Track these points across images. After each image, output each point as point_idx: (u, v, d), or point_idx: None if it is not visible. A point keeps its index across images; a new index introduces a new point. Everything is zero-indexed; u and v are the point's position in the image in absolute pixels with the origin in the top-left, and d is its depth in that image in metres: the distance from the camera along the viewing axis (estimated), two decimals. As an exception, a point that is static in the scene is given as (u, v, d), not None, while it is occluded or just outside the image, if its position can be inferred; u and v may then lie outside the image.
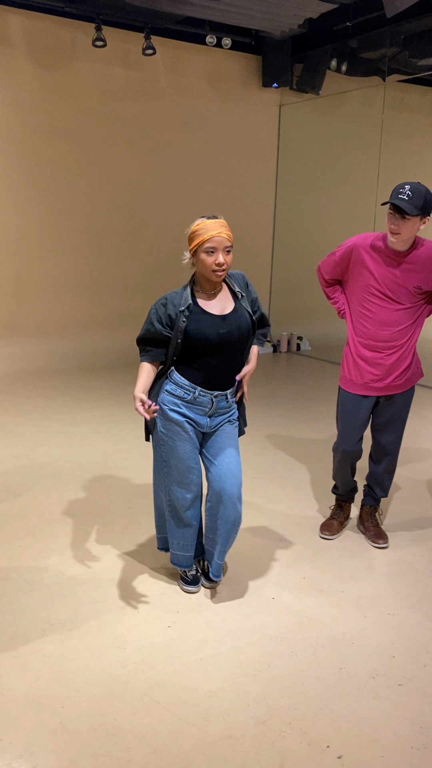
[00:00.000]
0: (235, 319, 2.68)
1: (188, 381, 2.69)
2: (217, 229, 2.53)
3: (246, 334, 2.73)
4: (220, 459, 2.76)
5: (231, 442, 2.80)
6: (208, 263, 2.56)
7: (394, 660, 2.54)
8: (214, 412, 2.74)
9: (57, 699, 2.28)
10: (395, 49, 7.35)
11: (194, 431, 2.75)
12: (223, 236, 2.53)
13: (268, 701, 2.30)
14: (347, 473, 3.46)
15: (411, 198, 2.88)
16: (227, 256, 2.56)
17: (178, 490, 2.81)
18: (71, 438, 4.95)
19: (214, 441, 2.79)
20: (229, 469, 2.75)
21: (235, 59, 7.72)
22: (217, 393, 2.71)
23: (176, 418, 2.71)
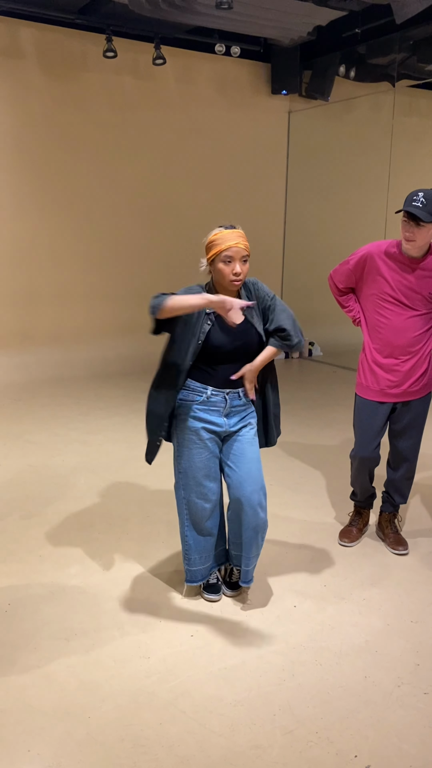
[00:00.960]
0: (246, 329, 2.69)
1: (198, 383, 2.71)
2: (235, 239, 2.56)
3: (254, 347, 2.72)
4: (240, 464, 2.76)
5: (250, 447, 2.79)
6: (225, 273, 2.58)
7: (419, 668, 2.53)
8: (229, 411, 2.74)
9: (83, 709, 2.29)
10: (404, 55, 7.37)
11: (212, 439, 2.75)
12: (240, 246, 2.56)
13: (294, 710, 2.30)
14: (365, 480, 3.46)
15: (425, 205, 2.88)
16: (244, 265, 2.59)
17: (197, 501, 2.81)
18: (87, 446, 4.96)
19: (233, 447, 2.78)
20: (249, 475, 2.75)
21: (244, 67, 7.76)
22: (229, 390, 2.72)
23: (193, 426, 2.71)
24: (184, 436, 2.75)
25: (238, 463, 2.76)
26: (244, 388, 2.75)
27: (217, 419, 2.73)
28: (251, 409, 2.82)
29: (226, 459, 2.81)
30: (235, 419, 2.77)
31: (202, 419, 2.72)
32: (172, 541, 3.48)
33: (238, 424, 2.78)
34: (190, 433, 2.73)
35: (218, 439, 2.78)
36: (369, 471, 3.45)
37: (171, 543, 3.47)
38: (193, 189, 7.71)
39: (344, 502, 3.99)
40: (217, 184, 7.86)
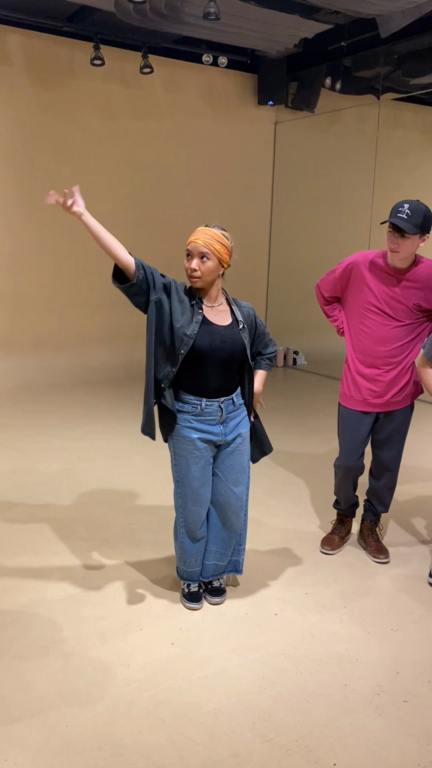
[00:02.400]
0: (231, 333, 2.68)
1: (192, 395, 2.70)
2: (196, 234, 2.56)
3: (239, 352, 2.71)
4: (228, 475, 2.83)
5: (240, 461, 2.84)
6: (185, 267, 2.60)
7: (399, 676, 2.54)
8: (225, 419, 2.74)
9: (62, 717, 2.27)
10: (389, 68, 7.46)
11: (207, 448, 2.76)
12: (198, 242, 2.54)
13: (273, 718, 2.30)
14: (349, 489, 3.47)
15: (410, 216, 2.91)
16: (202, 263, 2.55)
17: (192, 509, 2.82)
18: (70, 453, 4.94)
19: (226, 458, 2.81)
20: (236, 485, 2.85)
21: (231, 77, 7.81)
22: (223, 399, 2.73)
23: (189, 435, 2.71)
24: (180, 445, 2.75)
25: (226, 473, 2.82)
26: (237, 394, 2.79)
27: (213, 428, 2.73)
28: (243, 414, 2.83)
29: (215, 467, 2.84)
30: (231, 425, 2.77)
31: (198, 429, 2.72)
32: (155, 549, 3.47)
33: (233, 432, 2.78)
34: (186, 443, 2.73)
35: (213, 447, 2.79)
36: (353, 480, 3.46)
37: (154, 550, 3.46)
38: (178, 197, 7.74)
39: (327, 510, 4.01)
40: (203, 192, 7.89)
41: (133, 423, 5.73)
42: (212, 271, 2.58)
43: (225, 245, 2.59)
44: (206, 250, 2.54)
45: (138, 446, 5.13)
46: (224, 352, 2.66)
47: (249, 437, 2.88)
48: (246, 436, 2.84)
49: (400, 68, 7.41)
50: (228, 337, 2.67)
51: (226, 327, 2.68)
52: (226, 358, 2.68)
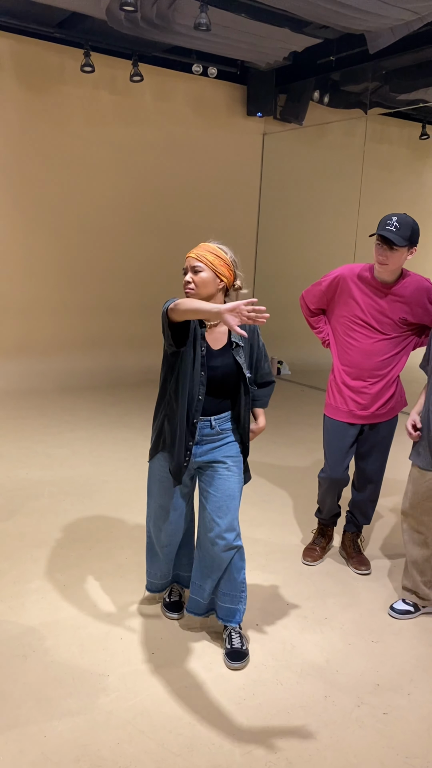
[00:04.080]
0: (222, 359, 2.55)
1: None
2: (193, 250, 2.51)
3: (231, 378, 2.58)
4: (213, 500, 2.60)
5: (228, 485, 2.60)
6: (184, 282, 2.52)
7: (379, 688, 2.54)
8: (199, 440, 2.59)
9: (39, 728, 2.24)
10: (377, 84, 7.55)
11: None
12: (191, 256, 2.49)
13: (253, 730, 2.28)
14: (333, 500, 3.48)
15: (399, 229, 2.94)
16: (195, 275, 2.47)
17: (154, 528, 2.79)
18: (52, 460, 4.90)
19: (211, 483, 2.62)
20: (221, 510, 2.58)
21: (220, 88, 7.85)
22: (206, 417, 2.59)
23: (160, 457, 2.64)
24: (153, 461, 2.69)
25: (210, 498, 2.61)
26: (220, 418, 2.61)
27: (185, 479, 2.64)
28: (227, 440, 2.64)
29: (201, 492, 2.68)
30: (206, 448, 2.60)
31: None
32: (136, 557, 3.45)
33: (208, 455, 2.61)
34: (157, 460, 2.67)
35: (189, 469, 2.64)
36: (338, 491, 3.47)
37: (134, 559, 3.44)
38: (166, 205, 7.75)
39: (309, 521, 4.01)
40: (191, 201, 7.91)
41: (116, 429, 5.70)
42: (207, 283, 2.46)
43: (220, 257, 2.49)
44: (198, 262, 2.46)
45: (121, 453, 5.10)
46: (215, 380, 2.55)
47: (239, 463, 2.67)
48: (233, 461, 2.63)
49: (388, 84, 7.50)
50: (220, 363, 2.54)
51: (219, 351, 2.56)
52: (217, 384, 2.56)
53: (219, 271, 2.49)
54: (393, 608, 3.07)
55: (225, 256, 2.52)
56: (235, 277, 2.56)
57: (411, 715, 2.41)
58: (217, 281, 2.49)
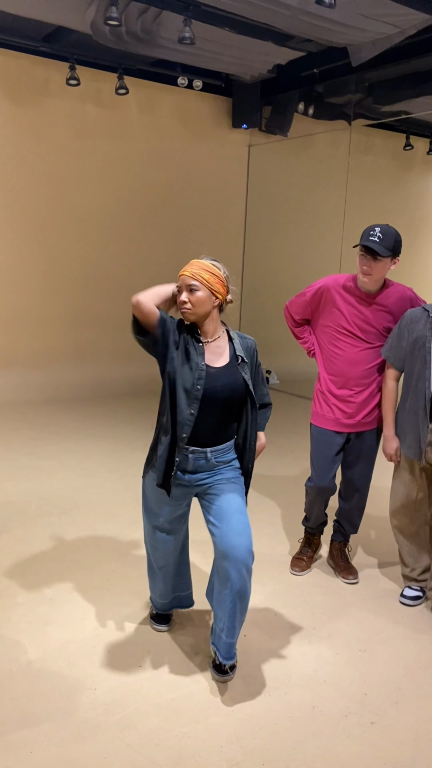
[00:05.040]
0: (227, 375, 2.46)
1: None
2: (185, 268, 2.46)
3: (238, 395, 2.48)
4: (225, 520, 2.44)
5: (232, 503, 2.47)
6: (177, 302, 2.47)
7: (367, 697, 2.55)
8: (194, 470, 2.49)
9: (25, 744, 2.23)
10: (360, 96, 7.64)
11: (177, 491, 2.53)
12: (185, 274, 2.43)
13: (241, 742, 2.28)
14: (321, 509, 3.49)
15: (382, 239, 2.97)
16: (191, 294, 2.42)
17: (150, 546, 2.75)
18: (39, 472, 4.89)
19: (213, 503, 2.50)
20: (235, 529, 2.41)
21: (205, 100, 7.91)
22: (194, 449, 2.46)
23: (149, 472, 2.57)
24: (147, 477, 2.60)
25: (222, 519, 2.45)
26: (217, 450, 2.50)
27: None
28: (223, 471, 2.53)
29: (208, 516, 2.53)
30: (199, 476, 2.51)
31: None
32: (123, 570, 3.44)
33: (203, 482, 2.52)
34: (148, 478, 2.59)
35: (187, 491, 2.56)
36: (325, 500, 3.48)
37: (122, 571, 3.43)
38: (152, 217, 7.77)
39: (297, 530, 4.01)
40: (177, 213, 7.95)
41: (103, 441, 5.69)
42: (204, 302, 2.41)
43: (215, 275, 2.44)
44: (194, 281, 2.41)
45: (108, 465, 5.09)
46: (218, 400, 2.44)
47: (241, 478, 2.57)
48: (231, 479, 2.53)
49: (371, 96, 7.59)
50: (224, 381, 2.45)
51: (222, 369, 2.47)
52: (221, 404, 2.46)
53: (215, 289, 2.44)
54: (404, 595, 3.25)
55: (219, 272, 2.48)
56: (228, 292, 2.52)
57: (398, 724, 2.41)
58: (213, 299, 2.45)
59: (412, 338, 2.96)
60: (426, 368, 2.90)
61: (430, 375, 2.89)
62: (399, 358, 3.04)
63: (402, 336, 3.01)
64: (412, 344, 2.97)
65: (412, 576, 3.27)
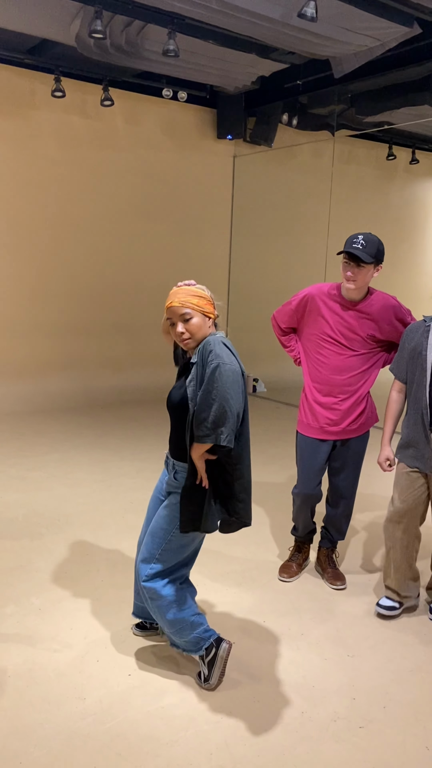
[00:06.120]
0: (179, 386, 2.50)
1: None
2: (171, 298, 2.42)
3: (177, 407, 2.47)
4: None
5: (159, 521, 2.56)
6: (174, 335, 2.46)
7: (355, 702, 2.56)
8: (170, 479, 2.56)
9: (14, 755, 2.22)
10: (343, 107, 7.73)
11: (162, 481, 2.69)
12: (175, 305, 2.40)
13: (230, 749, 2.29)
14: (307, 516, 3.52)
15: (365, 247, 3.02)
16: (187, 324, 2.40)
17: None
18: (26, 483, 4.87)
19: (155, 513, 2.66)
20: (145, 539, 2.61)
21: (190, 111, 7.97)
22: (173, 462, 2.54)
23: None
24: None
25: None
26: (179, 464, 2.51)
27: (166, 476, 2.64)
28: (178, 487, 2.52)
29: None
30: (170, 487, 2.57)
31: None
32: (112, 579, 3.44)
33: (170, 493, 2.58)
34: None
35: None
36: (311, 507, 3.51)
37: (110, 580, 3.43)
38: (138, 228, 7.81)
39: (285, 537, 4.03)
40: (163, 223, 7.99)
41: (91, 451, 5.69)
42: (200, 327, 2.41)
43: (202, 296, 2.45)
44: (186, 309, 2.39)
45: (96, 475, 5.09)
46: (170, 408, 2.52)
47: (176, 504, 2.49)
48: (170, 499, 2.55)
49: (354, 107, 7.69)
50: (177, 391, 2.50)
51: (183, 380, 2.51)
52: (175, 415, 2.50)
53: (206, 311, 2.44)
54: (379, 605, 3.20)
55: (205, 293, 2.48)
56: (215, 307, 2.54)
57: (387, 727, 2.43)
58: (207, 321, 2.45)
59: (411, 347, 3.01)
60: (423, 376, 2.94)
61: (427, 383, 2.92)
62: (401, 369, 3.08)
63: (403, 346, 3.06)
64: (410, 353, 3.01)
65: (393, 588, 3.20)
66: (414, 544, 3.16)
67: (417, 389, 2.97)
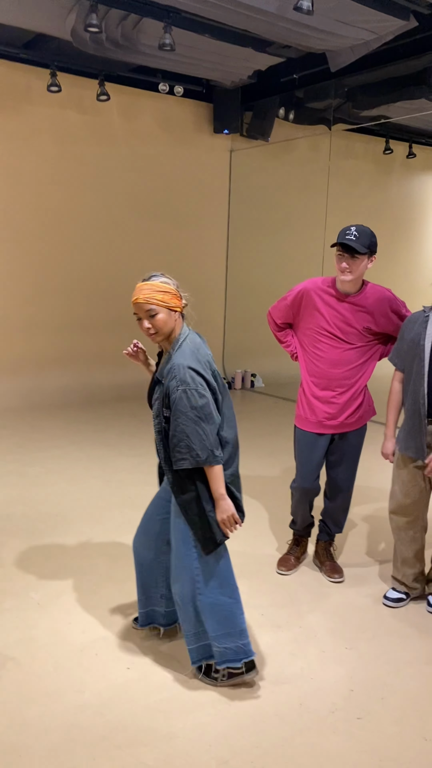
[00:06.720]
0: (156, 390, 2.52)
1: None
2: (136, 293, 2.43)
3: (156, 414, 2.49)
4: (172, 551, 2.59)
5: (176, 535, 2.56)
6: (141, 330, 2.48)
7: (353, 693, 2.57)
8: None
9: (13, 748, 2.23)
10: (339, 101, 7.72)
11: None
12: (140, 301, 2.41)
13: (229, 740, 2.30)
14: (306, 510, 3.52)
15: (358, 238, 3.03)
16: (153, 319, 2.41)
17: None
18: (24, 479, 4.88)
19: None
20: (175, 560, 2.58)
21: (187, 106, 7.95)
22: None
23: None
24: None
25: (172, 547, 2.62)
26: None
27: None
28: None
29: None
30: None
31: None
32: (111, 574, 3.45)
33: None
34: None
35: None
36: (309, 501, 3.51)
37: (109, 576, 3.43)
38: (135, 223, 7.80)
39: (283, 531, 4.04)
40: (160, 218, 7.98)
41: (89, 447, 5.69)
42: (166, 322, 2.42)
43: (167, 291, 2.43)
44: (150, 305, 2.40)
45: (94, 471, 5.10)
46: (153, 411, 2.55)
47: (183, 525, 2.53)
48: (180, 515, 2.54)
49: (350, 101, 7.68)
50: (156, 394, 2.51)
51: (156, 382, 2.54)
52: (157, 422, 2.50)
53: (171, 306, 2.44)
54: (386, 597, 3.25)
55: (170, 288, 2.46)
56: (181, 299, 2.52)
57: (385, 719, 2.44)
58: (173, 315, 2.45)
59: (410, 338, 3.01)
60: (422, 366, 2.94)
61: (425, 372, 2.93)
62: (401, 359, 3.09)
63: (402, 337, 3.07)
64: (409, 344, 3.02)
65: (400, 579, 3.25)
66: (420, 536, 3.19)
67: (415, 379, 2.98)
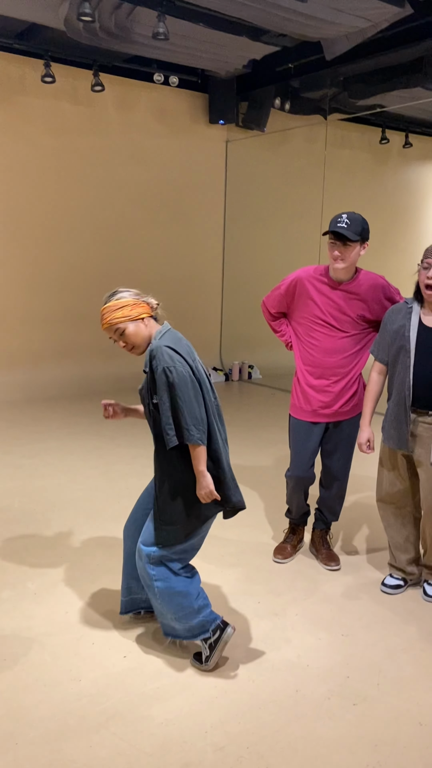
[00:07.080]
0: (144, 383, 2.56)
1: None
2: (101, 320, 2.51)
3: (145, 401, 2.53)
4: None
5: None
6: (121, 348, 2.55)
7: (349, 680, 2.58)
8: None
9: (10, 735, 2.24)
10: (335, 90, 7.69)
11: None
12: (105, 327, 2.49)
13: (225, 727, 2.31)
14: (301, 498, 3.53)
15: (350, 225, 3.02)
16: (123, 336, 2.47)
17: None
18: (22, 470, 4.88)
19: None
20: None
21: (182, 96, 7.91)
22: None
23: None
24: None
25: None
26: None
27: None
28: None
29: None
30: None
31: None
32: (107, 565, 3.45)
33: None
34: None
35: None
36: (304, 490, 3.52)
37: (105, 567, 3.44)
38: (131, 214, 7.77)
39: (280, 520, 4.05)
40: (156, 209, 7.95)
41: (86, 439, 5.70)
42: (136, 333, 2.47)
43: (124, 305, 2.46)
44: (115, 326, 2.46)
45: (91, 462, 5.10)
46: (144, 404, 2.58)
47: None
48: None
49: (346, 90, 7.64)
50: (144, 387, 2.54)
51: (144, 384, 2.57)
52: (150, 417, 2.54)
53: (134, 316, 2.47)
54: (384, 584, 3.27)
55: (126, 300, 2.49)
56: (148, 303, 2.55)
57: (380, 704, 2.45)
58: (139, 324, 2.48)
59: (393, 329, 3.00)
60: (407, 357, 2.93)
61: (410, 363, 2.92)
62: (383, 350, 3.07)
63: (385, 328, 3.05)
64: (393, 335, 3.00)
65: (396, 566, 3.27)
66: (410, 523, 3.19)
67: (401, 370, 2.97)
